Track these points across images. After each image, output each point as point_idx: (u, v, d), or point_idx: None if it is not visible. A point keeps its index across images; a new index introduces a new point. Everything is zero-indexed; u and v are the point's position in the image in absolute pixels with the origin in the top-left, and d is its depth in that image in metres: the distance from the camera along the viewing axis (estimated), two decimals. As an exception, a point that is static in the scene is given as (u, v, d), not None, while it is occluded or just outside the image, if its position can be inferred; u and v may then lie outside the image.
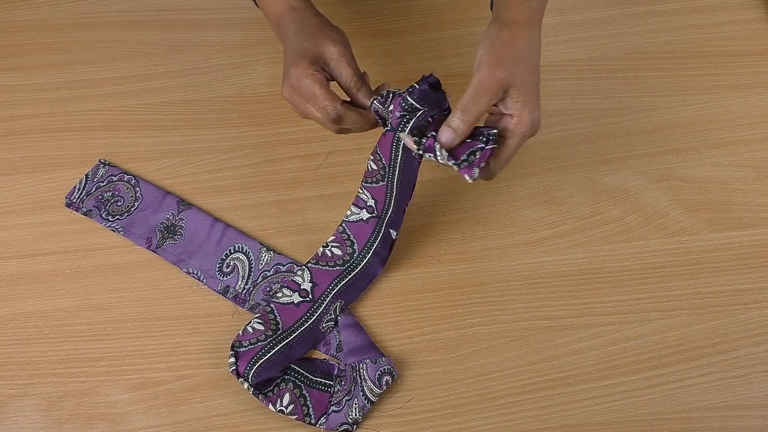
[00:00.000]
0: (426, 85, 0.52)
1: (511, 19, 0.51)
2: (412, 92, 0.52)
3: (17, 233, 0.66)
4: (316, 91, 0.53)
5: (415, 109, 0.52)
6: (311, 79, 0.53)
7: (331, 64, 0.54)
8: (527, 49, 0.50)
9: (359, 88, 0.54)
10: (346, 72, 0.54)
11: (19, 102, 0.74)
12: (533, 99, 0.50)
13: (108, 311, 0.62)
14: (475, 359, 0.59)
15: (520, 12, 0.52)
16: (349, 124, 0.54)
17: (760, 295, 0.62)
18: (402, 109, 0.52)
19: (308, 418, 0.56)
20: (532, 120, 0.49)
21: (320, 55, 0.54)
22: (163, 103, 0.74)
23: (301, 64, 0.53)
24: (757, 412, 0.57)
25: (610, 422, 0.56)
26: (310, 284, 0.61)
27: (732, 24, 0.79)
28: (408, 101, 0.52)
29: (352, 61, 0.55)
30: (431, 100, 0.52)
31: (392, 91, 0.54)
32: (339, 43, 0.55)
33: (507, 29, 0.51)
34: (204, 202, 0.67)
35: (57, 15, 0.81)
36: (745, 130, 0.71)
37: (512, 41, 0.50)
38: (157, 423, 0.57)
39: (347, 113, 0.54)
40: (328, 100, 0.53)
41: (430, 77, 0.53)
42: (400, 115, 0.52)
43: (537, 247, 0.65)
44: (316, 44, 0.54)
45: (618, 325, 0.61)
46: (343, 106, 0.53)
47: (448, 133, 0.49)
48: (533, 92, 0.50)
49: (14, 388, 0.58)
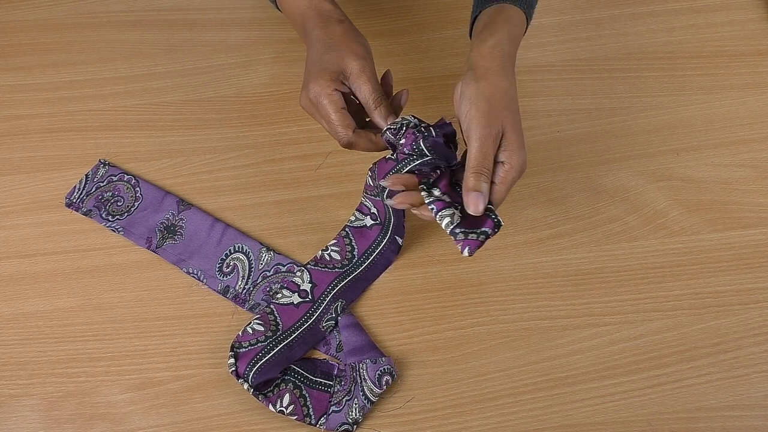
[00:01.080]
0: (441, 137, 0.52)
1: (485, 68, 0.52)
2: (426, 137, 0.52)
3: (17, 233, 0.66)
4: (332, 115, 0.54)
5: (424, 155, 0.51)
6: (328, 100, 0.54)
7: (351, 78, 0.55)
8: (507, 97, 0.51)
9: (378, 106, 0.54)
10: (366, 89, 0.54)
11: (19, 102, 0.74)
12: (519, 144, 0.51)
13: (108, 311, 0.62)
14: (475, 359, 0.59)
15: (494, 59, 0.53)
16: (359, 149, 0.55)
17: (760, 295, 0.62)
18: (412, 149, 0.52)
19: (308, 419, 0.56)
20: (520, 164, 0.50)
21: (341, 70, 0.54)
22: (163, 103, 0.74)
23: (321, 81, 0.54)
24: (757, 412, 0.57)
25: (610, 422, 0.56)
26: (309, 285, 0.61)
27: (732, 24, 0.79)
28: (420, 146, 0.51)
29: (372, 77, 0.55)
30: (441, 153, 0.52)
31: (405, 122, 0.53)
32: (360, 58, 0.54)
33: (485, 82, 0.51)
34: (204, 202, 0.67)
35: (57, 15, 0.81)
36: (745, 130, 0.71)
37: (493, 94, 0.51)
38: (157, 423, 0.57)
39: (358, 140, 0.54)
40: (341, 126, 0.54)
41: (448, 126, 0.53)
42: (408, 154, 0.52)
43: (537, 247, 0.65)
44: (337, 58, 0.54)
45: (618, 325, 0.61)
46: (355, 133, 0.54)
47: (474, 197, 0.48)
48: (519, 137, 0.51)
49: (14, 388, 0.58)
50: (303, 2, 0.58)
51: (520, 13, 0.57)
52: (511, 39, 0.55)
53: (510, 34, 0.55)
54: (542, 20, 0.80)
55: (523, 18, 0.57)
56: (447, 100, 0.73)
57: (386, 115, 0.54)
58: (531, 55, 0.77)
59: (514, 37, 0.55)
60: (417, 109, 0.72)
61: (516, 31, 0.56)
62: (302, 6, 0.58)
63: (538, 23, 0.79)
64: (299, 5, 0.59)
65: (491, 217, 0.49)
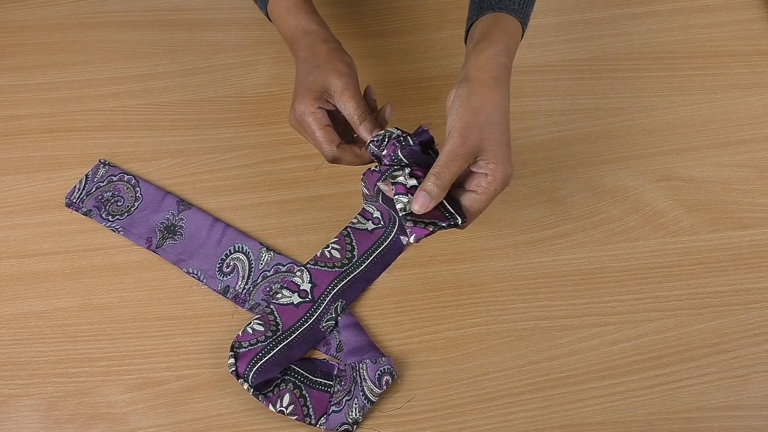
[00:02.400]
0: (418, 145, 0.53)
1: (480, 80, 0.53)
2: (404, 147, 0.53)
3: (17, 233, 0.66)
4: (316, 133, 0.56)
5: (403, 163, 0.53)
6: (312, 118, 0.56)
7: (335, 96, 0.56)
8: (497, 111, 0.52)
9: (362, 121, 0.56)
10: (350, 105, 0.56)
11: (19, 102, 0.74)
12: (505, 158, 0.51)
13: (108, 311, 0.62)
14: (475, 359, 0.59)
15: (489, 71, 0.53)
16: (345, 164, 0.57)
17: (760, 295, 0.62)
18: (391, 160, 0.53)
19: (308, 419, 0.56)
20: (504, 177, 0.51)
21: (325, 88, 0.56)
22: (163, 103, 0.74)
23: (305, 100, 0.56)
24: (757, 412, 0.57)
25: (610, 422, 0.56)
26: (309, 285, 0.61)
27: (732, 24, 0.79)
28: (398, 155, 0.53)
29: (356, 93, 0.56)
30: (419, 161, 0.53)
31: (388, 134, 0.54)
32: (344, 76, 0.56)
33: (477, 95, 0.52)
34: (204, 202, 0.67)
35: (57, 15, 0.81)
36: (745, 130, 0.71)
37: (482, 108, 0.51)
38: (157, 423, 0.57)
39: (343, 155, 0.56)
40: (326, 142, 0.56)
41: (425, 134, 0.54)
42: (389, 165, 0.53)
43: (537, 247, 0.65)
44: (321, 77, 0.56)
45: (618, 325, 0.61)
46: (340, 148, 0.56)
47: (422, 197, 0.50)
48: (504, 151, 0.51)
49: (14, 388, 0.58)
50: (292, 23, 0.60)
51: (516, 22, 0.57)
52: (508, 50, 0.55)
53: (507, 45, 0.55)
54: (542, 20, 0.80)
55: (519, 28, 0.58)
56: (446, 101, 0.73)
57: (371, 129, 0.56)
58: (531, 55, 0.77)
59: (510, 47, 0.56)
60: (416, 109, 0.72)
61: (512, 42, 0.56)
62: (291, 27, 0.60)
63: (538, 23, 0.79)
64: (288, 26, 0.60)
65: (446, 215, 0.51)
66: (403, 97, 0.73)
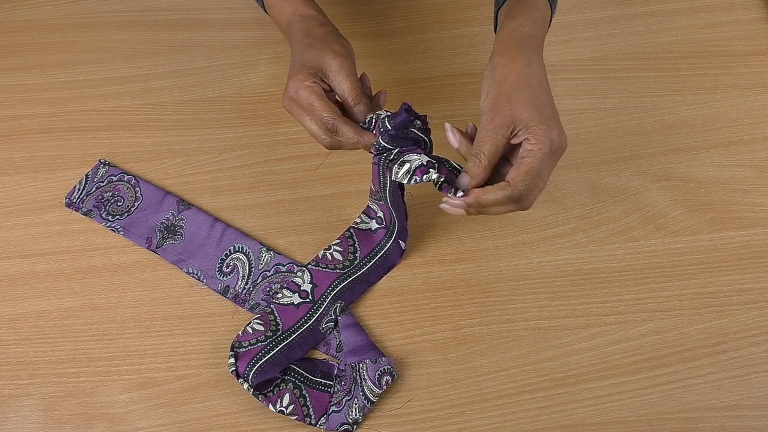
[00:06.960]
0: (393, 130, 0.52)
1: (501, 52, 0.52)
2: (383, 134, 0.52)
3: (17, 233, 0.66)
4: (314, 102, 0.52)
5: (389, 150, 0.52)
6: (308, 91, 0.52)
7: (330, 75, 0.54)
8: (523, 77, 0.51)
9: (357, 102, 0.54)
10: (345, 85, 0.53)
11: (19, 102, 0.74)
12: (542, 117, 0.49)
13: (108, 311, 0.62)
14: (475, 359, 0.59)
15: (510, 42, 0.53)
16: (344, 136, 0.53)
17: (760, 295, 0.62)
18: (377, 150, 0.52)
19: (308, 419, 0.56)
20: (546, 138, 0.49)
21: (320, 67, 0.54)
22: (163, 103, 0.74)
23: (299, 75, 0.53)
24: (757, 412, 0.57)
25: (610, 422, 0.56)
26: (310, 285, 0.61)
27: (732, 24, 0.79)
28: (381, 144, 0.52)
29: (352, 74, 0.54)
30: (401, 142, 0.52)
31: (376, 116, 0.53)
32: (340, 55, 0.54)
33: (499, 68, 0.51)
34: (204, 202, 0.67)
35: (57, 15, 0.81)
36: (745, 130, 0.71)
37: (506, 78, 0.51)
38: (157, 423, 0.57)
39: (343, 126, 0.52)
40: (325, 110, 0.52)
41: (400, 115, 0.52)
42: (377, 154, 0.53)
43: (537, 247, 0.65)
44: (316, 56, 0.54)
45: (618, 325, 0.61)
46: (341, 117, 0.53)
47: (465, 178, 0.50)
48: (541, 112, 0.50)
49: (14, 388, 0.58)
50: (288, 9, 0.59)
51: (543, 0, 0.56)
52: (533, 21, 0.54)
53: (531, 16, 0.54)
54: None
55: (545, 3, 0.56)
56: (447, 100, 0.73)
57: (365, 112, 0.54)
58: (531, 55, 0.77)
59: (535, 18, 0.54)
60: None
61: (537, 14, 0.55)
62: (287, 13, 0.59)
63: (538, 23, 0.79)
64: (285, 12, 0.59)
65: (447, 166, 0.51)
66: (403, 97, 0.73)
